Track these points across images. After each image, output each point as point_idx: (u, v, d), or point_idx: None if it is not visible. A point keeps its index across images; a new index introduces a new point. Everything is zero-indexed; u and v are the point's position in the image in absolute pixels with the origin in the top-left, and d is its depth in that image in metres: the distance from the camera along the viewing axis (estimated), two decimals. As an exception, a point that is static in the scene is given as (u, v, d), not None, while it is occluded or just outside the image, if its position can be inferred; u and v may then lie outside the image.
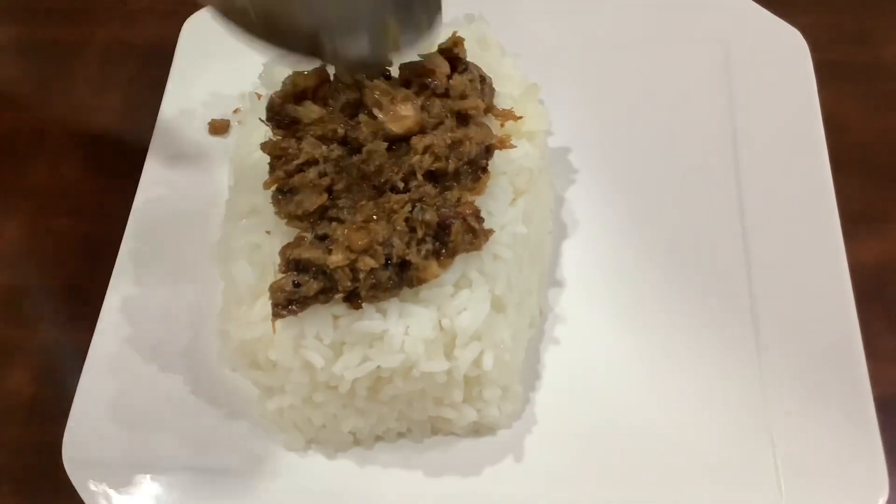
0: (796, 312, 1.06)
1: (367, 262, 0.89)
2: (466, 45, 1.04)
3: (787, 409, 1.00)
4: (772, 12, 1.30)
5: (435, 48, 1.02)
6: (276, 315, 0.90)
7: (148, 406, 1.03)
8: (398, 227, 0.92)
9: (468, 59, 1.04)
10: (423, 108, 0.99)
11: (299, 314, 0.91)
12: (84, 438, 1.01)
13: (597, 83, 1.29)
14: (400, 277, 0.91)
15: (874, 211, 1.20)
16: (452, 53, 1.03)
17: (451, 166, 0.95)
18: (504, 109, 1.06)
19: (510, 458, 1.00)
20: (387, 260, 0.90)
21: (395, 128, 0.97)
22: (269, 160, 0.98)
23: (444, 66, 1.02)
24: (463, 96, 1.00)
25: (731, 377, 1.03)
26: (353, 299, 0.91)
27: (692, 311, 1.08)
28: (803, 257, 1.10)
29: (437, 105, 1.00)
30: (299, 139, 0.98)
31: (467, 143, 0.96)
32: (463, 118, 1.00)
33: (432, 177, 0.96)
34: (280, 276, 0.91)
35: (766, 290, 1.09)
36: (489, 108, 1.05)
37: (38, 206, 1.29)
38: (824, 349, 1.03)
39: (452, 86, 1.00)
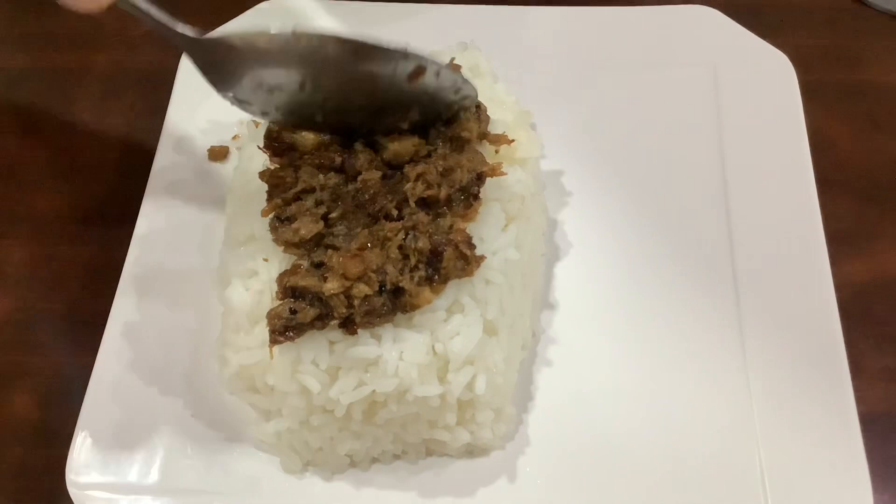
0: (783, 331, 1.09)
1: (362, 290, 0.92)
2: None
3: (775, 427, 1.02)
4: (758, 35, 1.33)
5: None
6: (274, 341, 0.93)
7: (149, 429, 1.05)
8: (392, 255, 0.94)
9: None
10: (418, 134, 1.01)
11: (296, 340, 0.93)
12: (87, 461, 1.02)
13: (588, 106, 1.32)
14: (393, 303, 0.94)
15: (860, 230, 1.23)
16: None
17: (443, 193, 0.98)
18: (497, 135, 1.09)
19: (503, 478, 1.02)
20: (381, 287, 0.93)
21: (390, 156, 1.00)
22: (266, 188, 1.01)
23: None
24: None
25: (719, 397, 1.05)
26: (349, 325, 0.94)
27: (682, 332, 1.11)
28: (790, 276, 1.13)
29: (431, 132, 1.02)
30: (297, 168, 1.01)
31: (459, 170, 0.99)
32: (458, 143, 1.03)
33: (425, 204, 0.99)
34: (277, 303, 0.94)
35: (754, 309, 1.11)
36: (484, 135, 1.07)
37: (41, 231, 1.31)
38: (810, 367, 1.05)
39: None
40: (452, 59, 1.08)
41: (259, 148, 1.05)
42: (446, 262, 0.95)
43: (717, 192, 1.22)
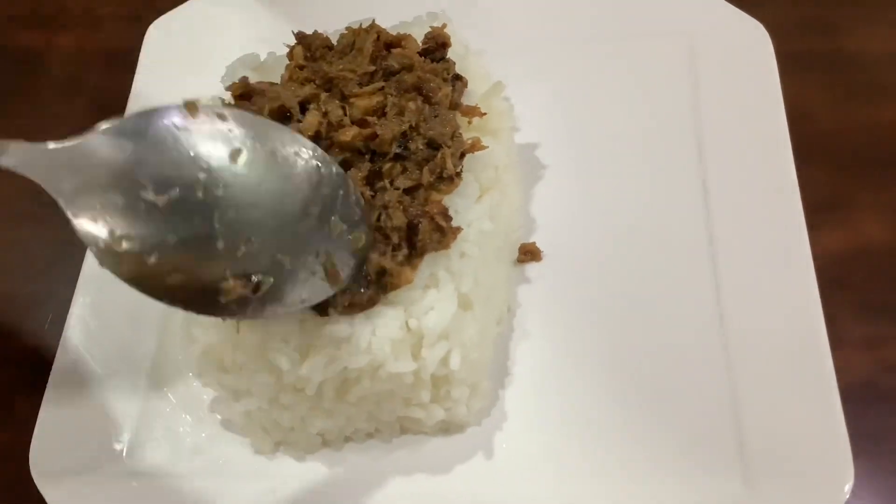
0: (762, 301, 1.07)
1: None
2: (429, 44, 1.06)
3: (755, 397, 1.01)
4: (735, 5, 1.31)
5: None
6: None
7: (115, 412, 1.03)
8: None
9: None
10: (384, 90, 1.01)
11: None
12: (50, 446, 1.00)
13: (562, 78, 1.29)
14: (378, 292, 0.91)
15: (838, 200, 1.21)
16: (435, 42, 1.07)
17: (426, 180, 0.96)
18: (469, 106, 1.07)
19: (480, 455, 1.00)
20: (366, 278, 0.90)
21: (359, 113, 0.99)
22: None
23: (414, 44, 1.05)
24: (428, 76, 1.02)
25: (697, 367, 1.03)
26: (322, 309, 0.91)
27: (658, 303, 1.09)
28: (768, 247, 1.11)
29: (394, 83, 1.01)
30: None
31: (443, 157, 0.97)
32: (423, 95, 1.01)
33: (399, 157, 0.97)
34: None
35: (732, 280, 1.09)
36: (456, 105, 1.05)
37: (3, 214, 1.28)
38: (790, 338, 1.03)
39: (418, 66, 1.02)
40: (444, 25, 1.09)
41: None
42: (422, 234, 0.92)
43: (694, 162, 1.20)
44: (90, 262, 1.13)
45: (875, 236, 1.18)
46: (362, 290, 0.90)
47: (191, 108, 0.82)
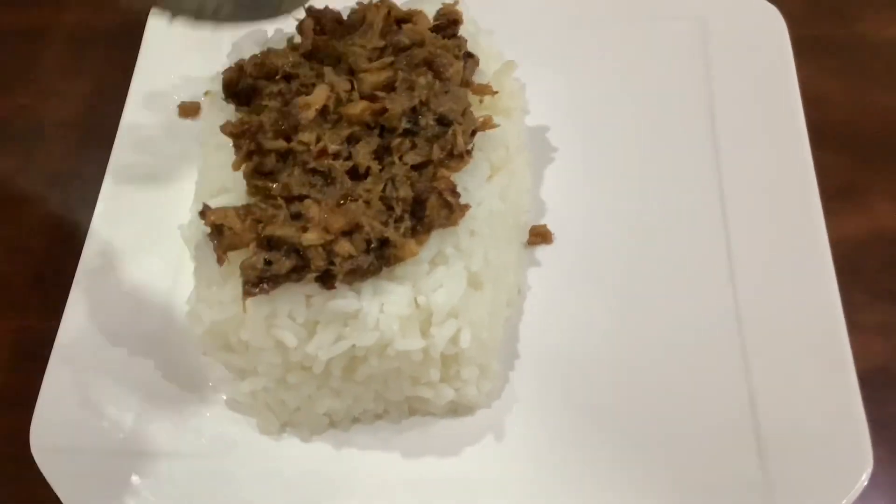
0: (778, 287, 1.05)
1: (345, 248, 0.87)
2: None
3: (771, 384, 0.98)
4: (749, -12, 1.29)
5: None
6: (247, 293, 0.88)
7: (117, 392, 1.01)
8: (374, 206, 0.90)
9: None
10: (393, 65, 0.99)
11: (271, 293, 0.89)
12: (52, 425, 0.98)
13: (574, 61, 1.28)
14: (380, 260, 0.89)
15: (854, 186, 1.20)
16: (447, 19, 1.06)
17: (436, 156, 0.94)
18: (481, 84, 1.05)
19: (490, 437, 0.98)
20: (367, 244, 0.88)
21: (368, 87, 0.97)
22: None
23: (425, 21, 1.04)
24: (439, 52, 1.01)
25: (712, 352, 1.01)
26: (327, 280, 0.89)
27: (672, 287, 1.07)
28: (784, 233, 1.09)
29: (404, 59, 1.00)
30: (259, 111, 0.97)
31: (453, 134, 0.95)
32: (434, 70, 1.00)
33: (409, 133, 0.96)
34: (251, 254, 0.89)
35: (748, 266, 1.07)
36: (468, 83, 1.04)
37: (6, 193, 1.27)
38: (807, 324, 1.02)
39: (429, 42, 1.01)
40: (457, 1, 1.08)
41: (222, 100, 1.01)
42: (430, 210, 0.91)
43: (708, 148, 1.18)
44: (92, 238, 1.11)
45: (891, 223, 1.17)
46: (365, 257, 0.88)
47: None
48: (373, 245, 0.89)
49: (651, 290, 1.07)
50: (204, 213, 0.91)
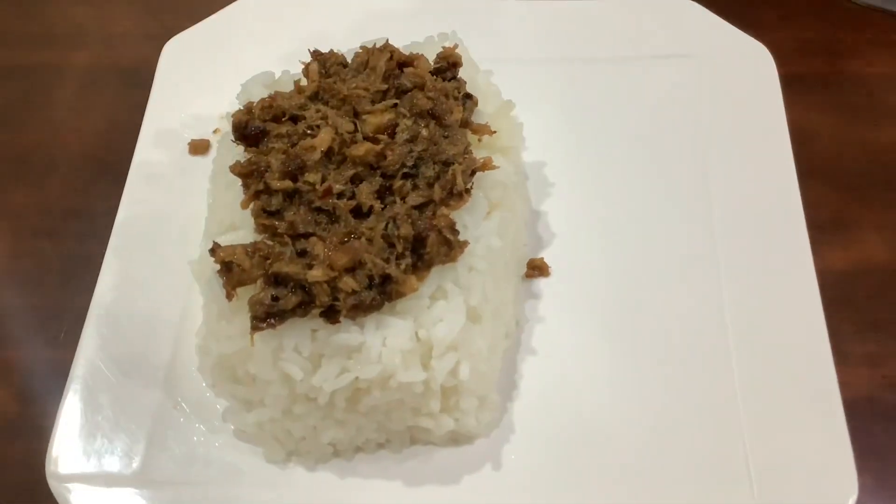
0: (766, 319, 1.09)
1: (349, 284, 0.91)
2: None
3: (760, 413, 1.02)
4: (738, 28, 1.33)
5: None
6: (255, 328, 0.92)
7: (129, 421, 1.04)
8: (377, 244, 0.94)
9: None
10: (396, 108, 1.03)
11: (278, 327, 0.92)
12: (67, 454, 1.01)
13: (570, 98, 1.32)
14: (382, 296, 0.93)
15: (841, 218, 1.23)
16: (447, 62, 1.10)
17: (437, 196, 0.98)
18: (479, 124, 1.09)
19: (488, 466, 1.01)
20: (370, 280, 0.92)
21: (371, 129, 1.01)
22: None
23: (425, 64, 1.07)
24: (440, 95, 1.04)
25: (704, 383, 1.05)
26: (331, 315, 0.93)
27: (666, 320, 1.10)
28: (772, 265, 1.13)
29: (406, 101, 1.04)
30: (267, 152, 1.01)
31: (453, 174, 0.99)
32: (435, 118, 1.03)
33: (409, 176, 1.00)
34: (259, 290, 0.93)
35: (738, 298, 1.11)
36: (467, 123, 1.08)
37: (20, 226, 1.30)
38: (794, 354, 1.05)
39: (430, 85, 1.04)
40: (455, 45, 1.12)
41: (231, 141, 1.05)
42: (430, 247, 0.94)
43: (699, 183, 1.22)
44: (105, 273, 1.15)
45: (877, 255, 1.21)
46: (367, 293, 0.92)
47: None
48: (375, 281, 0.93)
49: (644, 323, 1.11)
50: (214, 250, 0.95)
